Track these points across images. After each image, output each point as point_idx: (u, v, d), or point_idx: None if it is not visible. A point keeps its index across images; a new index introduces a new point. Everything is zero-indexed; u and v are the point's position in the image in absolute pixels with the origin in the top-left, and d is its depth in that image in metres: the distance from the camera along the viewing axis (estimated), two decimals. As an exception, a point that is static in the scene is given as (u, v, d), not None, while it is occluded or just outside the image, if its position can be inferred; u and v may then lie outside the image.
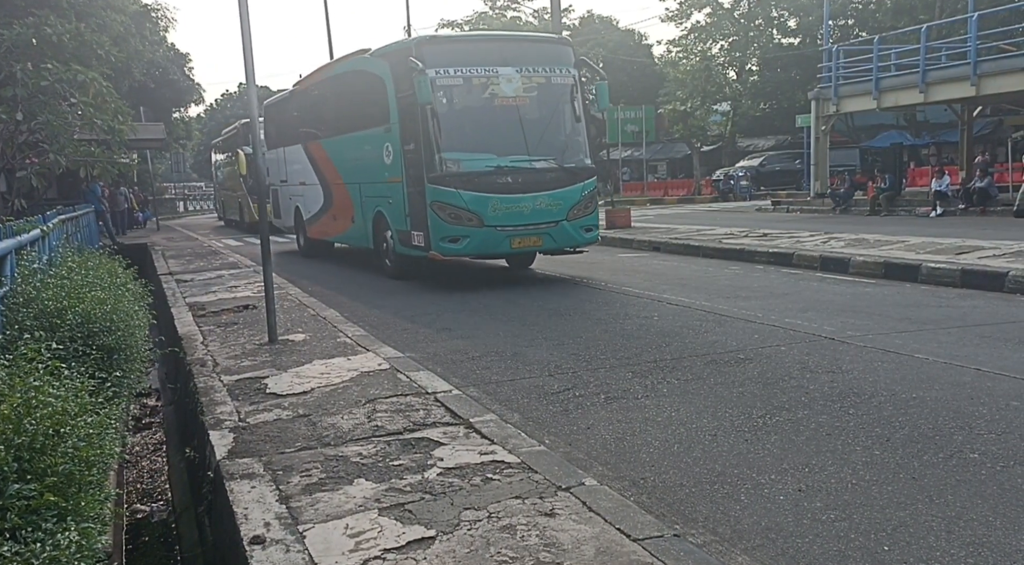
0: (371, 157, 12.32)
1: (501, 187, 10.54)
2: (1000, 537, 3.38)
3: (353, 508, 3.66)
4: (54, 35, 12.01)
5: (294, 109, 16.93)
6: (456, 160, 10.51)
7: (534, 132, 10.93)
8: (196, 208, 50.08)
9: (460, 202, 10.39)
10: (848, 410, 5.10)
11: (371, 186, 12.66)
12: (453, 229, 10.51)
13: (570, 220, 10.92)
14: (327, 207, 15.06)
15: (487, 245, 10.70)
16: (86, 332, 5.32)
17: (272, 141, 18.06)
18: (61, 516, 2.89)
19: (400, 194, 11.39)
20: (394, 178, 11.55)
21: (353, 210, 13.66)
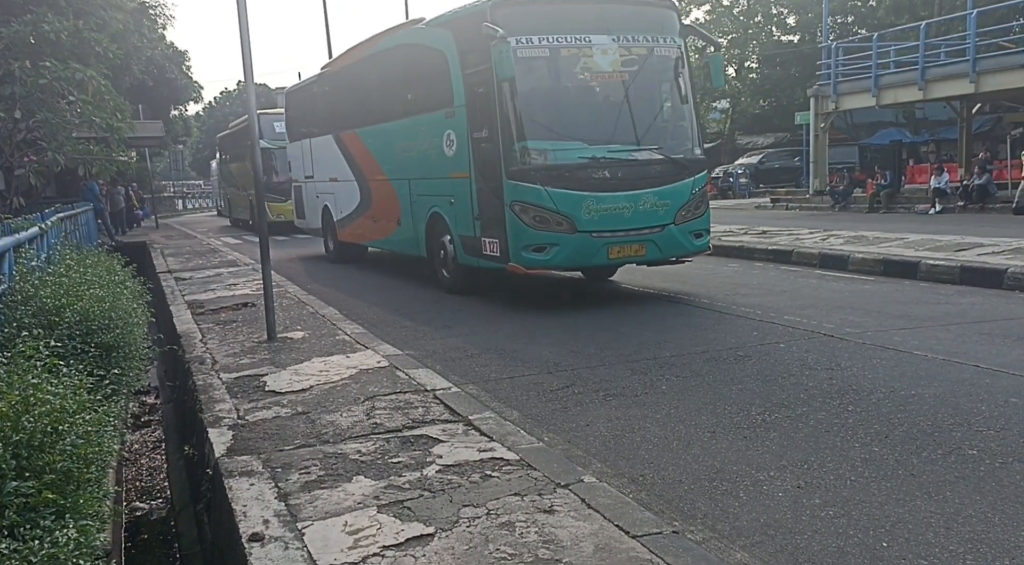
0: (426, 148, 10.54)
1: (597, 184, 8.63)
2: (999, 533, 3.38)
3: (352, 505, 3.66)
4: (52, 33, 12.00)
5: (323, 95, 14.99)
6: (542, 150, 8.63)
7: (635, 115, 9.06)
8: (194, 206, 50.02)
9: (547, 202, 8.52)
10: (847, 407, 5.10)
11: (425, 183, 10.78)
12: (538, 235, 8.59)
13: (678, 224, 8.97)
14: (365, 207, 13.26)
15: (580, 255, 8.72)
16: (84, 330, 5.32)
17: (295, 132, 16.54)
18: (60, 514, 2.89)
19: (466, 192, 9.52)
20: (458, 173, 9.70)
21: (399, 211, 11.77)
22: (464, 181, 9.57)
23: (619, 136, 8.92)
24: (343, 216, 14.27)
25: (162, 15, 24.06)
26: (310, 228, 16.47)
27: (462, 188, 9.64)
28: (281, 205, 21.22)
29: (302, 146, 16.00)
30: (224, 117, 61.29)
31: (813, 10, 36.15)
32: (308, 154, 15.75)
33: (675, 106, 9.56)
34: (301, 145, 16.11)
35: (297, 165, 16.44)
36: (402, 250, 12.44)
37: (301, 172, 16.31)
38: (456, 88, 9.56)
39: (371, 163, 12.75)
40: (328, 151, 14.47)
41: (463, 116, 9.48)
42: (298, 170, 16.47)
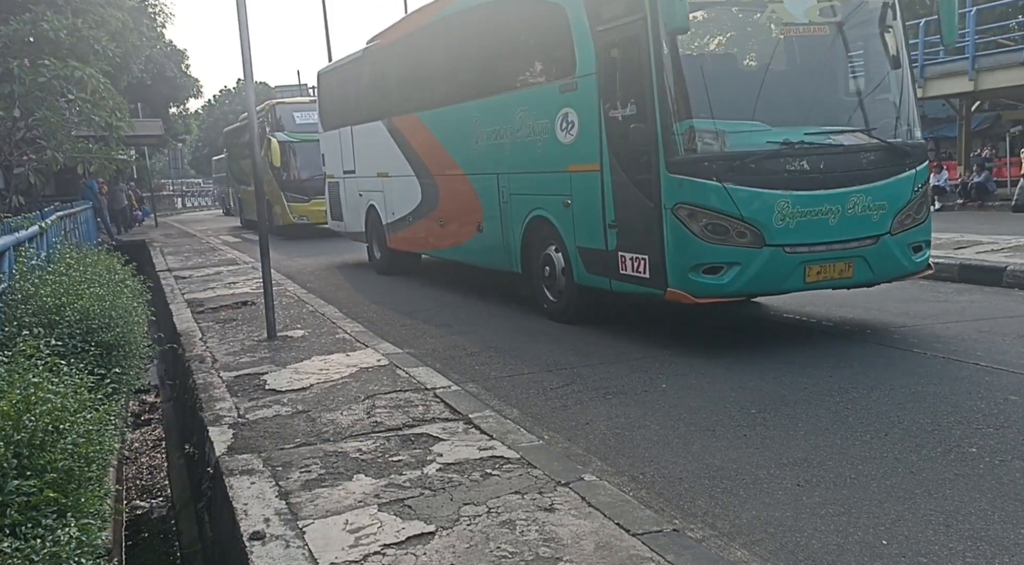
0: (525, 133, 8.25)
1: (793, 179, 6.33)
2: (998, 531, 3.39)
3: (353, 504, 3.67)
4: (51, 31, 12.00)
5: (370, 74, 12.52)
6: (718, 133, 6.32)
7: (838, 85, 7.03)
8: (194, 204, 49.99)
9: (727, 205, 6.17)
10: (847, 405, 5.11)
11: (523, 178, 8.42)
12: (713, 251, 6.23)
13: (894, 233, 6.63)
14: (427, 208, 10.82)
15: (767, 278, 6.37)
16: (85, 329, 5.32)
17: (330, 120, 14.12)
18: (61, 512, 2.89)
19: (593, 190, 7.17)
20: (581, 165, 7.36)
21: (480, 214, 9.36)
22: (591, 176, 7.20)
23: (817, 113, 6.77)
24: (396, 219, 11.86)
25: (161, 13, 24.02)
26: (349, 232, 14.06)
27: (587, 185, 7.29)
28: (303, 205, 19.95)
29: (340, 136, 13.56)
30: (224, 115, 61.19)
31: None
32: (348, 145, 13.27)
33: (887, 71, 7.09)
34: (339, 134, 13.62)
35: (333, 158, 13.99)
36: (481, 262, 9.92)
37: (338, 166, 13.82)
38: (581, 51, 7.26)
39: (438, 154, 10.36)
40: (376, 141, 12.13)
41: (591, 89, 7.13)
42: (334, 164, 14.03)
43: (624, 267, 6.95)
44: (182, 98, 32.67)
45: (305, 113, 20.18)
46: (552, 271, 8.14)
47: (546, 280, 8.28)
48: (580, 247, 7.56)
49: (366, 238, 13.25)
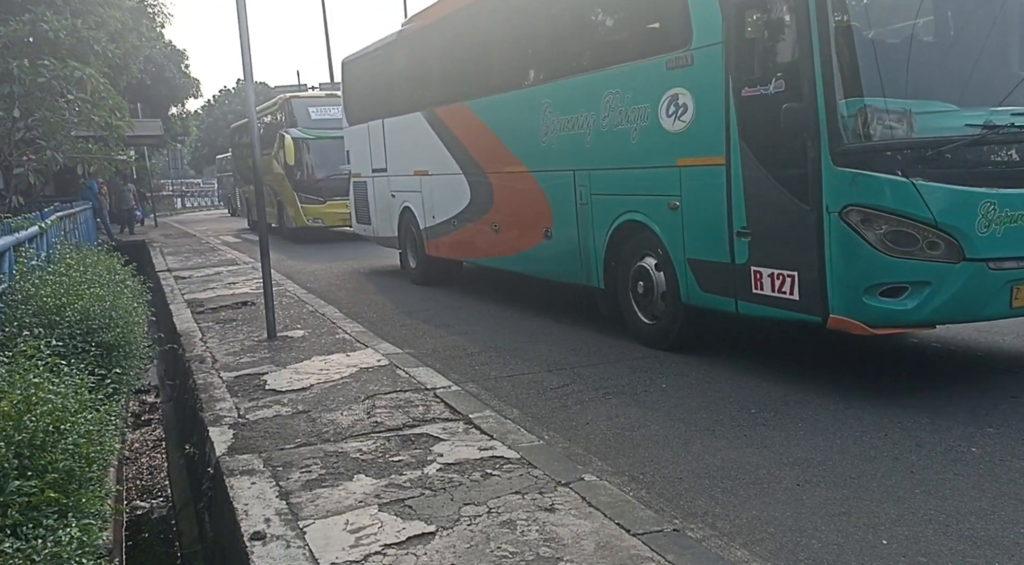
0: (617, 118, 6.73)
1: (1000, 173, 5.09)
2: (998, 531, 3.39)
3: (353, 504, 3.68)
4: (51, 31, 11.99)
5: (406, 60, 11.15)
6: (902, 113, 5.02)
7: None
8: (194, 204, 49.95)
9: (915, 207, 4.89)
10: (847, 404, 5.10)
11: (611, 175, 6.96)
12: (897, 267, 4.94)
13: None
14: (478, 210, 9.39)
15: (966, 300, 5.02)
16: (85, 329, 5.33)
17: (356, 113, 12.80)
18: (62, 513, 2.90)
19: (714, 189, 5.86)
20: (694, 158, 6.04)
21: (549, 217, 7.93)
22: (710, 171, 5.87)
23: (1021, 91, 5.22)
24: (437, 222, 10.41)
25: (161, 13, 24.01)
26: (378, 238, 12.68)
27: (704, 182, 5.99)
28: (318, 207, 18.53)
29: (369, 131, 12.18)
30: (223, 115, 61.16)
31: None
32: (379, 140, 11.84)
33: None
34: (367, 129, 12.21)
35: (360, 155, 12.62)
36: (548, 274, 8.42)
37: (366, 164, 12.42)
38: (701, 16, 5.92)
39: (493, 149, 8.95)
40: (414, 135, 10.69)
41: (714, 62, 5.78)
42: (360, 161, 12.65)
43: (759, 286, 5.57)
44: (181, 98, 32.65)
45: (321, 108, 19.17)
46: (648, 287, 6.67)
47: (639, 298, 6.82)
48: (692, 259, 6.11)
49: (399, 243, 11.80)
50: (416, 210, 10.98)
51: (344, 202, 16.74)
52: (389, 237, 12.10)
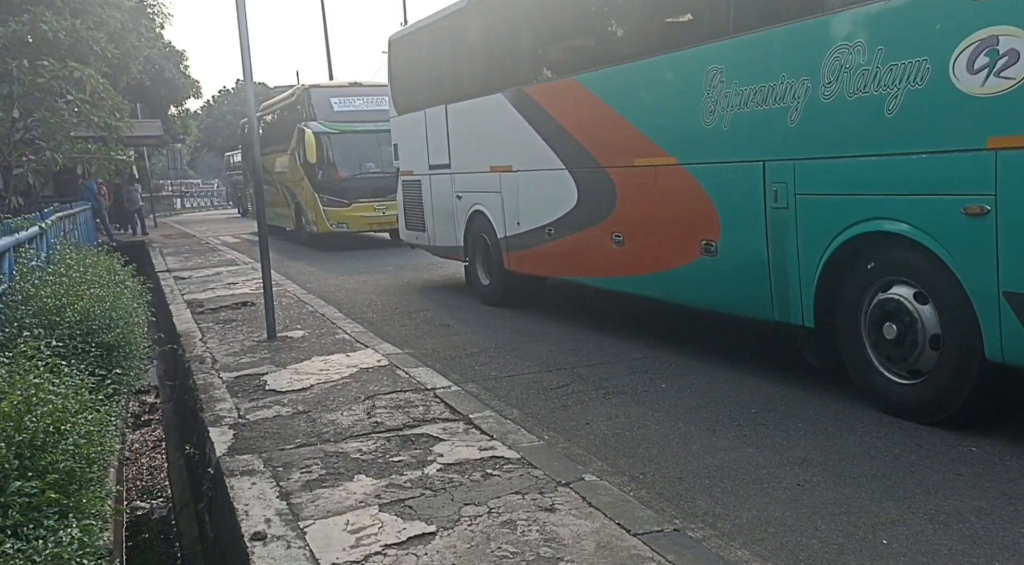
0: (858, 81, 4.72)
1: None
2: (999, 530, 3.39)
3: (354, 504, 3.68)
4: (50, 32, 12.00)
5: (481, 30, 9.08)
6: None
7: None
8: (193, 205, 49.92)
9: None
10: (847, 404, 5.10)
11: (840, 166, 4.94)
12: None
13: None
14: (592, 215, 7.32)
15: None
16: (85, 329, 5.33)
17: (407, 99, 10.77)
18: (62, 513, 2.90)
19: None
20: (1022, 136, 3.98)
21: (714, 225, 5.91)
22: None
23: None
24: (524, 230, 8.42)
25: (160, 14, 24.00)
26: (436, 247, 10.54)
27: None
28: (343, 210, 16.45)
29: (426, 119, 10.12)
30: (223, 115, 61.18)
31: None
32: (439, 131, 9.81)
33: None
34: (423, 118, 10.18)
35: (412, 150, 10.66)
36: (706, 302, 6.31)
37: (420, 160, 10.39)
38: None
39: (618, 134, 6.89)
40: (490, 122, 8.78)
41: None
42: (413, 157, 10.66)
43: None
44: (181, 99, 32.66)
45: (344, 99, 17.17)
46: (904, 330, 4.70)
47: (888, 347, 4.82)
48: (1014, 294, 4.08)
49: (464, 255, 9.64)
50: (492, 215, 8.88)
51: (372, 204, 16.30)
52: (450, 247, 9.95)
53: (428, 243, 10.69)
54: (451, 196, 9.74)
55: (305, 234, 18.08)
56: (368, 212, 16.34)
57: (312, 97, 17.15)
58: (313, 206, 17.00)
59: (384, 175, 15.53)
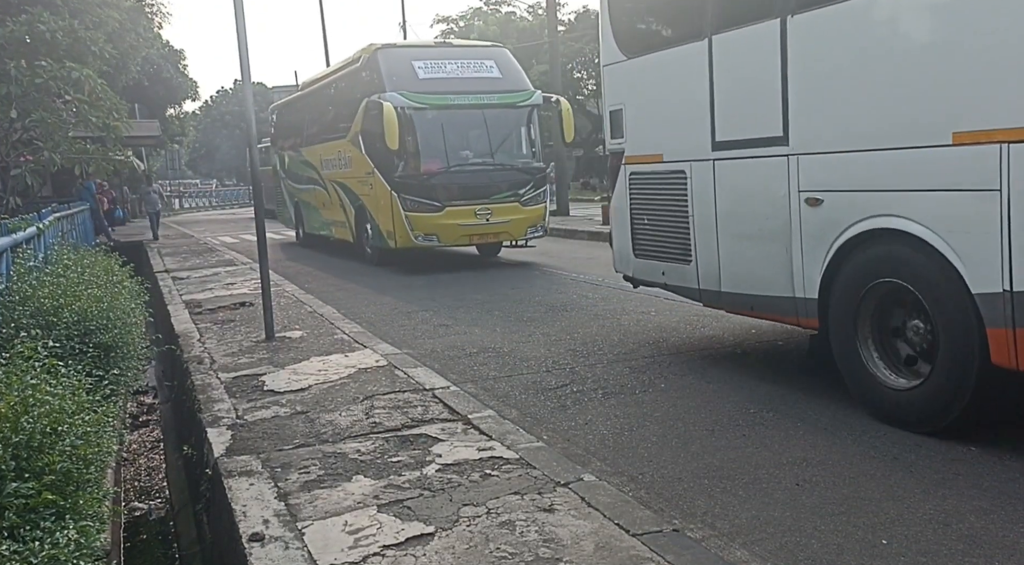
0: None
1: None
2: (998, 530, 3.39)
3: (352, 505, 3.67)
4: (48, 32, 12.00)
5: None
6: None
7: None
8: (191, 205, 49.89)
9: None
10: (846, 404, 5.10)
11: None
12: None
13: None
14: None
15: None
16: (82, 330, 5.32)
17: (645, 31, 6.69)
18: (59, 514, 2.89)
19: None
20: None
21: None
22: None
23: None
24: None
25: (159, 13, 24.00)
26: (721, 294, 5.90)
27: None
28: (432, 217, 12.06)
29: (712, 55, 5.65)
30: (221, 116, 61.19)
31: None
32: (755, 72, 5.30)
33: None
34: (708, 52, 5.64)
35: (662, 116, 6.34)
36: None
37: (687, 133, 5.96)
38: None
39: None
40: (892, 51, 4.37)
41: None
42: (663, 130, 6.35)
43: None
44: (179, 99, 32.65)
45: (432, 63, 12.37)
46: None
47: None
48: None
49: (812, 316, 5.17)
50: (954, 242, 4.13)
51: (472, 208, 12.14)
52: (764, 297, 5.52)
53: (694, 283, 6.14)
54: (782, 199, 5.19)
55: (370, 249, 13.59)
56: (466, 219, 12.09)
57: (386, 60, 12.52)
58: (387, 211, 12.35)
59: (489, 167, 12.39)
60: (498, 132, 12.56)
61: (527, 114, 12.90)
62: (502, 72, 12.88)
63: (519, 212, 12.57)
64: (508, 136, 12.89)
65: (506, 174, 12.60)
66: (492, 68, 12.79)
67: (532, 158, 13.04)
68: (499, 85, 12.66)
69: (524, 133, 13.04)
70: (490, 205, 12.29)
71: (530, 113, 12.92)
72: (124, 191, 31.21)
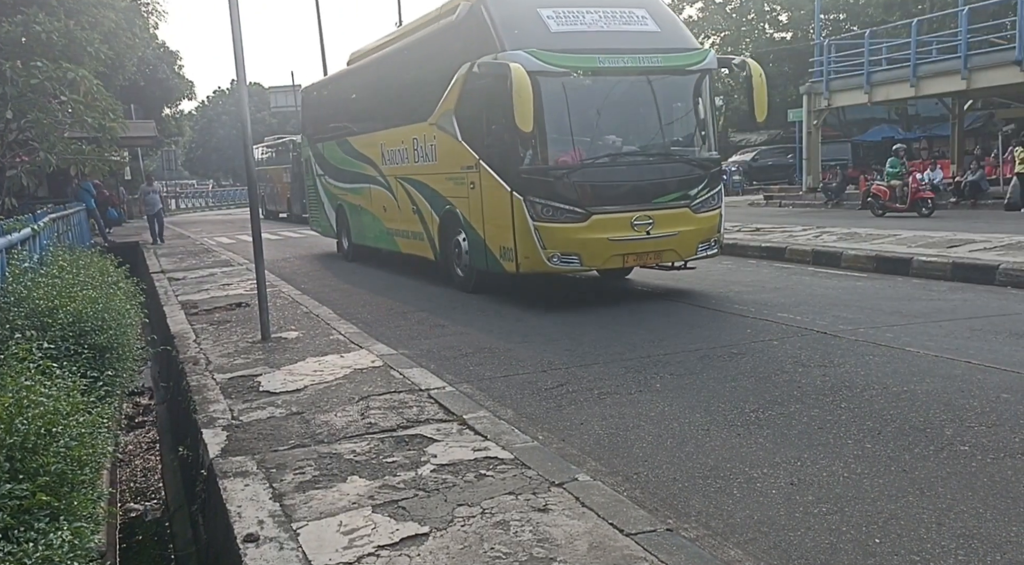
0: None
1: None
2: (990, 528, 3.40)
3: (347, 505, 3.67)
4: (43, 33, 11.97)
5: None
6: None
7: None
8: (188, 206, 49.84)
9: None
10: (840, 404, 5.12)
11: None
12: None
13: None
14: None
15: None
16: (77, 331, 5.32)
17: None
18: (54, 516, 2.89)
19: None
20: None
21: None
22: None
23: None
24: None
25: (154, 13, 23.96)
26: None
27: None
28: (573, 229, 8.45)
29: None
30: (217, 116, 61.14)
31: (805, 7, 36.26)
32: None
33: None
34: None
35: None
36: None
37: None
38: None
39: None
40: None
41: None
42: None
43: None
44: (175, 99, 32.61)
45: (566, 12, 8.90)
46: None
47: None
48: None
49: None
50: None
51: (628, 216, 8.48)
52: None
53: None
54: None
55: (462, 271, 10.06)
56: (620, 232, 8.51)
57: (501, 7, 9.05)
58: (502, 220, 8.79)
59: (652, 159, 8.98)
60: (662, 108, 9.12)
61: (699, 82, 9.18)
62: (659, 24, 9.25)
63: (689, 221, 8.84)
64: (675, 113, 9.41)
65: (674, 168, 9.06)
66: (646, 20, 9.18)
67: (704, 145, 9.41)
68: (658, 41, 9.00)
69: (696, 109, 9.33)
70: (652, 212, 8.61)
71: (702, 81, 9.21)
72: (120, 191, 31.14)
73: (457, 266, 10.32)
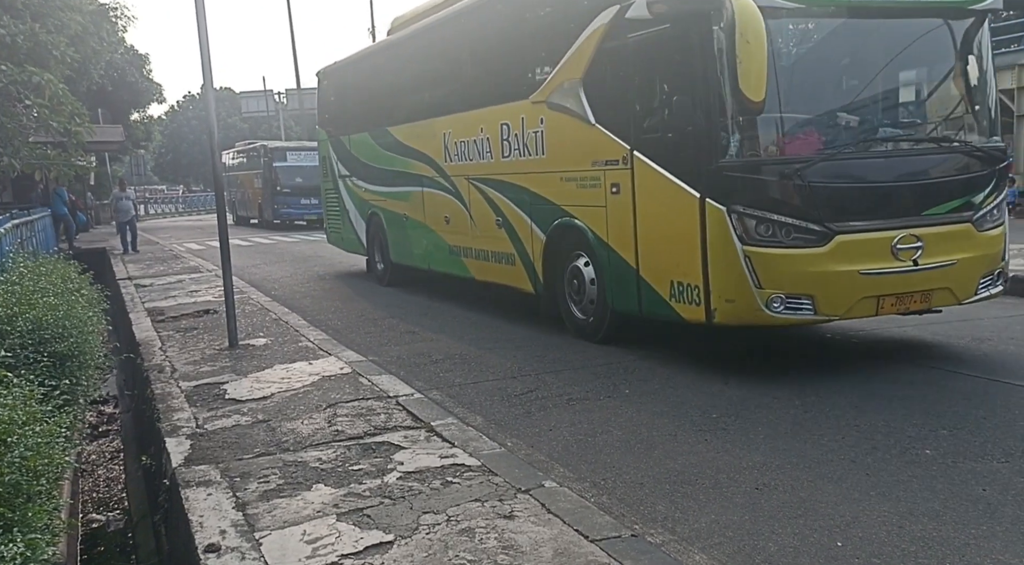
0: None
1: None
2: (949, 531, 3.45)
3: (311, 514, 3.63)
4: (8, 36, 11.77)
5: None
6: None
7: None
8: (157, 212, 49.20)
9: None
10: (806, 408, 5.16)
11: None
12: None
13: None
14: None
15: None
16: (37, 339, 5.23)
17: None
18: (7, 528, 2.83)
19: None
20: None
21: None
22: None
23: None
24: None
25: (123, 16, 23.62)
26: None
27: None
28: (807, 256, 5.49)
29: None
30: (187, 121, 60.50)
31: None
32: None
33: None
34: None
35: None
36: None
37: None
38: None
39: None
40: None
41: None
42: None
43: None
44: (144, 104, 32.22)
45: None
46: None
47: None
48: None
49: None
50: None
51: (888, 236, 5.65)
52: None
53: None
54: None
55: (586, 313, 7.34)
56: (876, 262, 5.67)
57: None
58: (677, 240, 6.05)
59: (919, 148, 6.20)
60: (935, 69, 6.37)
61: (978, 32, 6.27)
62: None
63: (972, 243, 5.99)
64: (948, 80, 6.43)
65: (953, 161, 6.15)
66: None
67: (987, 127, 6.36)
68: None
69: (977, 72, 6.36)
70: (922, 230, 5.79)
71: (981, 29, 6.28)
72: (88, 197, 30.68)
73: (574, 303, 7.50)
